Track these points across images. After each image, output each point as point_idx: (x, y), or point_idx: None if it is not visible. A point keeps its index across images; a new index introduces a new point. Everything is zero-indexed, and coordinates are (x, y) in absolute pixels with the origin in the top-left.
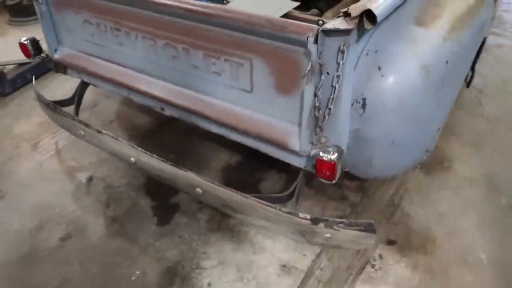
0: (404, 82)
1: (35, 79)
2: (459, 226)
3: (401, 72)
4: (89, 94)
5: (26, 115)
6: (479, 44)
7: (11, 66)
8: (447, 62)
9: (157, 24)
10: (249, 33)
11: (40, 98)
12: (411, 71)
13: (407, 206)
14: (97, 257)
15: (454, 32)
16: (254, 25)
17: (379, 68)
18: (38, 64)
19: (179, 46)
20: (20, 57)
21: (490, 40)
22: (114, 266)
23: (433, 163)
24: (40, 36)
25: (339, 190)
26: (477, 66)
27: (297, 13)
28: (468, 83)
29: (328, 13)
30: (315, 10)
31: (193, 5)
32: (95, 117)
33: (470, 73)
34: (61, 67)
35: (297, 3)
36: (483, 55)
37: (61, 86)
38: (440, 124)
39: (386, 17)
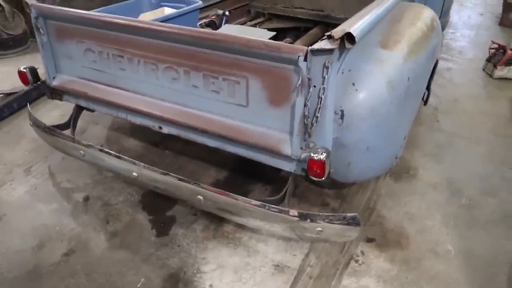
0: (374, 95)
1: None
2: (428, 224)
3: (371, 87)
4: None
5: (16, 142)
6: (433, 65)
7: None
8: (408, 78)
9: (159, 50)
10: (246, 54)
11: (36, 123)
12: (379, 86)
13: (381, 209)
14: (102, 268)
15: (412, 54)
16: (252, 48)
17: (353, 84)
18: (25, 94)
19: (180, 69)
20: (5, 88)
21: (441, 64)
22: (120, 276)
23: (401, 172)
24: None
25: (320, 198)
26: (432, 87)
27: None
28: (425, 101)
29: (298, 42)
30: (288, 39)
31: (196, 32)
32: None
33: (427, 92)
34: (57, 94)
35: (274, 33)
36: (436, 77)
37: (47, 114)
38: (405, 132)
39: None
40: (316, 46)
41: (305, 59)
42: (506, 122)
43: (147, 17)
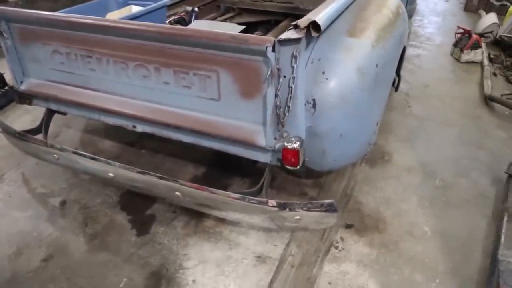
0: (345, 83)
1: None
2: (404, 207)
3: (341, 74)
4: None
5: None
6: (400, 51)
7: None
8: (377, 65)
9: (129, 48)
10: (215, 48)
11: (6, 129)
12: (349, 73)
13: (358, 195)
14: (83, 271)
15: (380, 41)
16: (220, 41)
17: (323, 73)
18: None
19: (150, 66)
20: None
21: (410, 51)
22: (101, 277)
23: (376, 158)
24: None
25: (298, 187)
26: (402, 73)
27: None
28: (396, 88)
29: (269, 35)
30: (258, 33)
31: (164, 28)
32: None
33: (397, 79)
34: (26, 98)
35: (243, 27)
36: (405, 64)
37: (17, 120)
38: (377, 118)
39: (323, 32)
40: (283, 36)
41: (273, 50)
42: (474, 104)
43: (114, 16)
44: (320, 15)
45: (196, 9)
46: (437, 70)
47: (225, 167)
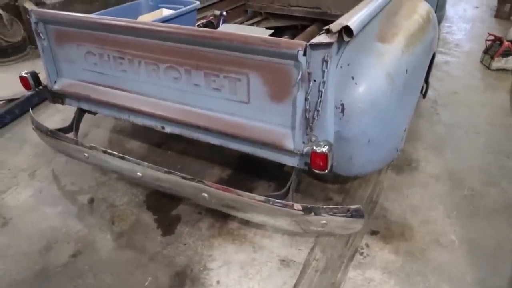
0: (374, 88)
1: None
2: (431, 215)
3: (370, 80)
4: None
5: (19, 147)
6: (430, 57)
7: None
8: (406, 71)
9: (160, 50)
10: (245, 51)
11: (39, 127)
12: (378, 78)
13: (384, 202)
14: (110, 268)
15: (410, 47)
16: (251, 44)
17: (353, 78)
18: (26, 100)
19: (181, 69)
20: (6, 94)
21: (439, 57)
22: (127, 275)
23: (403, 165)
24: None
25: (323, 193)
26: (430, 80)
27: None
28: (424, 95)
29: (296, 39)
30: (286, 37)
31: (195, 30)
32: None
33: (425, 86)
34: (59, 98)
35: (271, 31)
36: (434, 70)
37: (49, 119)
38: (405, 125)
39: (353, 36)
40: (315, 40)
41: (304, 54)
42: (504, 112)
43: (146, 19)
44: (353, 20)
45: (224, 13)
46: (466, 77)
47: (251, 170)
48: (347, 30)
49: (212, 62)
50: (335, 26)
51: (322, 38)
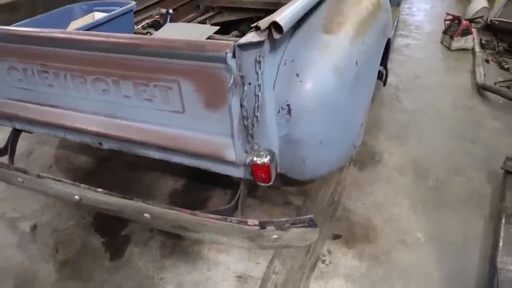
0: (321, 84)
1: None
2: (395, 212)
3: (317, 76)
4: (23, 143)
5: None
6: (384, 44)
7: None
8: (356, 62)
9: (84, 61)
10: (171, 57)
11: None
12: (325, 74)
13: (347, 202)
14: None
15: (359, 36)
16: (175, 49)
17: (297, 75)
18: None
19: (108, 80)
20: None
21: (399, 41)
22: None
23: (365, 159)
24: None
25: (282, 197)
26: (390, 65)
27: (217, 37)
28: (384, 82)
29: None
30: (235, 32)
31: (117, 38)
32: (33, 164)
33: (384, 72)
34: None
35: (217, 28)
36: (395, 55)
37: None
38: (361, 119)
39: (297, 29)
40: (243, 40)
41: (234, 56)
42: (466, 93)
43: (77, 25)
44: (283, 15)
45: (170, 11)
46: (428, 59)
47: (206, 179)
48: (276, 27)
49: (139, 71)
50: (263, 23)
51: (251, 37)
